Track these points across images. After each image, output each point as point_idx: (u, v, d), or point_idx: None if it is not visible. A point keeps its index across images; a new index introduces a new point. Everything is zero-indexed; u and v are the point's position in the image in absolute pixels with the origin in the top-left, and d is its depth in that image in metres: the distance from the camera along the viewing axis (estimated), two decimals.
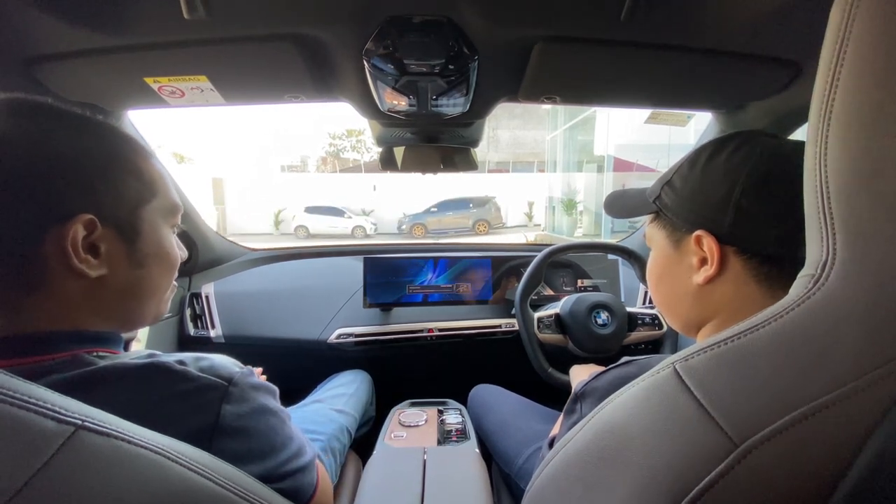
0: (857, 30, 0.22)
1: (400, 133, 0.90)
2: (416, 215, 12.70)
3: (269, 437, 0.41)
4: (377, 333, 1.20)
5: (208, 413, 0.37)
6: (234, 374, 0.40)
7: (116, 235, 0.39)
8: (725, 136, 0.43)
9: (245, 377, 0.41)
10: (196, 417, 0.36)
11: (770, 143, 0.41)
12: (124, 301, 0.41)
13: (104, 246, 0.38)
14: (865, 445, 0.21)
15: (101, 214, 0.37)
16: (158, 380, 0.36)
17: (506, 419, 0.92)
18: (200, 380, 0.37)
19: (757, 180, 0.39)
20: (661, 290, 0.50)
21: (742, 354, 0.25)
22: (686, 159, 0.46)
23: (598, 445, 0.30)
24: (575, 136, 11.21)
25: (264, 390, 0.43)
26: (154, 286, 0.43)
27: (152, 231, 0.42)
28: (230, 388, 0.38)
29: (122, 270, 0.40)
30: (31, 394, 0.24)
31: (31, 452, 0.22)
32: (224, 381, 0.38)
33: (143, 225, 0.41)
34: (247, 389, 0.40)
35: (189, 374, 0.37)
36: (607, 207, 0.60)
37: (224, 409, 0.37)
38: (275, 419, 0.43)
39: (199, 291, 1.19)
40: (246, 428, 0.39)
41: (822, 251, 0.24)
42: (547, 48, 0.59)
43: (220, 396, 0.38)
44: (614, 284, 1.31)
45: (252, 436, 0.39)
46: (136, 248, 0.40)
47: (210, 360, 0.40)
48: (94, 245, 0.37)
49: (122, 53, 0.59)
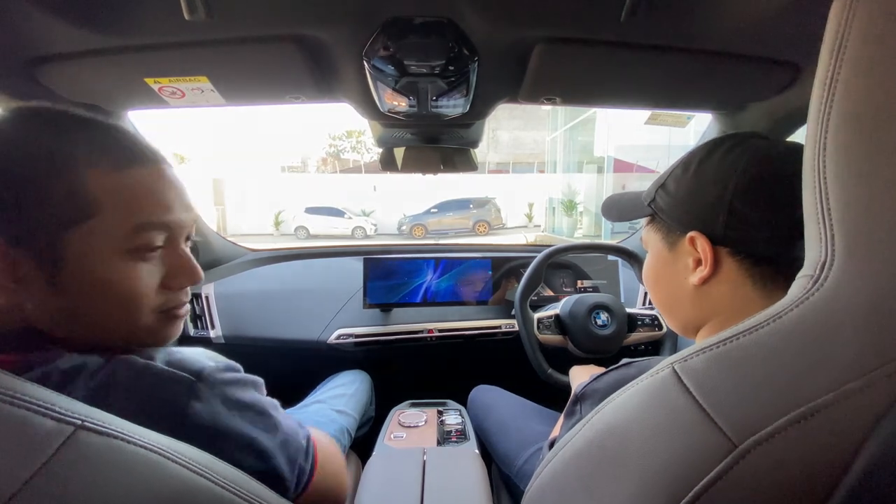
0: (855, 31, 0.22)
1: (400, 134, 0.91)
2: (417, 216, 12.70)
3: (249, 434, 0.38)
4: (377, 334, 1.20)
5: (175, 411, 0.33)
6: (205, 367, 0.36)
7: (33, 262, 0.34)
8: (718, 139, 0.44)
9: (216, 372, 0.37)
10: (162, 417, 0.32)
11: (762, 144, 0.41)
12: (72, 328, 0.36)
13: (22, 272, 0.34)
14: (864, 445, 0.21)
15: (12, 237, 0.33)
16: (121, 375, 0.33)
17: (505, 420, 0.92)
18: (164, 374, 0.34)
19: (749, 182, 0.39)
20: (659, 291, 0.50)
21: (741, 355, 0.25)
22: (680, 162, 0.46)
23: (597, 446, 0.30)
24: (575, 136, 11.23)
25: (240, 384, 0.39)
26: (102, 319, 0.37)
27: (84, 259, 0.35)
28: (197, 385, 0.35)
29: (45, 298, 0.35)
30: (30, 393, 0.24)
31: (30, 452, 0.22)
32: (191, 375, 0.35)
33: (69, 251, 0.34)
34: (217, 385, 0.36)
35: (152, 369, 0.34)
36: (604, 211, 0.61)
37: (192, 408, 0.34)
38: (253, 414, 0.39)
39: (199, 292, 1.19)
40: (220, 427, 0.36)
41: (820, 252, 0.24)
42: (547, 49, 0.59)
43: (186, 393, 0.34)
44: (614, 285, 1.31)
45: (229, 436, 0.36)
46: (57, 279, 0.34)
47: (181, 354, 0.37)
48: (16, 268, 0.34)
49: (123, 54, 0.59)
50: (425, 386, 1.27)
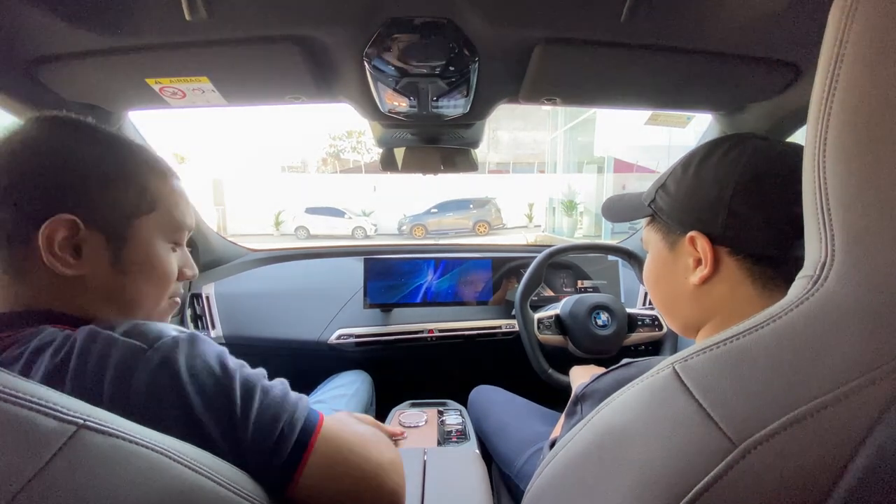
0: (856, 31, 0.22)
1: (400, 134, 0.91)
2: (417, 216, 12.70)
3: (219, 395, 0.35)
4: (377, 334, 1.20)
5: (127, 379, 0.32)
6: (163, 337, 0.35)
7: (102, 240, 0.40)
8: (717, 139, 0.44)
9: (175, 341, 0.35)
10: (114, 383, 0.32)
11: (760, 144, 0.41)
12: (106, 303, 0.41)
13: (87, 248, 0.39)
14: (864, 445, 0.21)
15: (91, 218, 0.39)
16: (86, 345, 0.33)
17: (506, 420, 0.92)
18: (119, 342, 0.33)
19: (748, 181, 0.40)
20: (659, 292, 0.51)
21: (741, 355, 0.25)
22: (679, 163, 0.47)
23: (597, 446, 0.30)
24: (575, 136, 11.24)
25: (202, 358, 0.35)
26: (138, 295, 0.44)
27: (142, 243, 0.43)
28: (148, 353, 0.33)
29: (103, 274, 0.41)
30: (32, 393, 0.24)
31: (32, 451, 0.22)
32: (144, 344, 0.34)
33: (134, 235, 0.42)
34: (172, 351, 0.34)
35: (112, 338, 0.33)
36: (605, 212, 0.61)
37: (137, 378, 0.32)
38: (224, 376, 0.36)
39: (199, 292, 1.19)
40: (172, 393, 0.33)
41: (820, 252, 0.24)
42: (547, 50, 0.59)
43: (136, 360, 0.33)
44: (614, 285, 1.31)
45: (192, 403, 0.33)
46: (121, 255, 0.41)
47: (146, 326, 0.36)
48: (78, 246, 0.39)
49: (124, 55, 0.59)
50: (425, 386, 1.27)
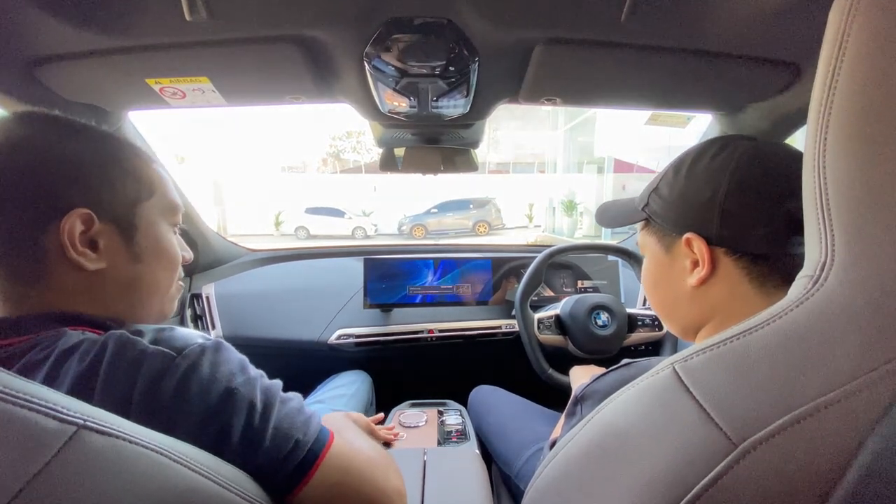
0: (856, 31, 0.22)
1: (400, 134, 0.91)
2: (417, 216, 12.70)
3: (238, 402, 0.36)
4: (377, 334, 1.20)
5: (156, 387, 0.33)
6: (190, 344, 0.36)
7: (115, 231, 0.41)
8: (707, 142, 0.45)
9: (202, 349, 0.36)
10: (144, 392, 0.32)
11: (749, 145, 0.42)
12: (125, 295, 0.42)
13: (103, 241, 0.40)
14: (864, 445, 0.21)
15: (99, 210, 0.39)
16: (117, 354, 0.33)
17: (506, 420, 0.92)
18: (149, 352, 0.34)
19: (739, 182, 0.40)
20: (658, 295, 0.51)
21: (741, 355, 0.25)
22: (671, 166, 0.47)
23: (597, 446, 0.30)
24: (575, 137, 11.24)
25: (227, 365, 0.37)
26: (154, 281, 0.45)
27: (150, 227, 0.44)
28: (177, 360, 0.34)
29: (121, 264, 0.41)
30: (32, 393, 0.24)
31: (32, 452, 0.22)
32: (173, 352, 0.35)
33: (141, 221, 0.43)
34: (199, 358, 0.35)
35: (139, 345, 0.34)
36: (599, 218, 0.62)
37: (165, 385, 0.33)
38: (244, 381, 0.37)
39: (199, 292, 1.19)
40: (204, 403, 0.34)
41: (820, 252, 0.24)
42: (547, 50, 0.59)
43: (165, 369, 0.33)
44: (614, 285, 1.31)
45: (219, 412, 0.34)
46: (133, 242, 0.42)
47: (171, 332, 0.37)
48: (94, 240, 0.39)
49: (124, 55, 0.59)
50: (425, 386, 1.27)
